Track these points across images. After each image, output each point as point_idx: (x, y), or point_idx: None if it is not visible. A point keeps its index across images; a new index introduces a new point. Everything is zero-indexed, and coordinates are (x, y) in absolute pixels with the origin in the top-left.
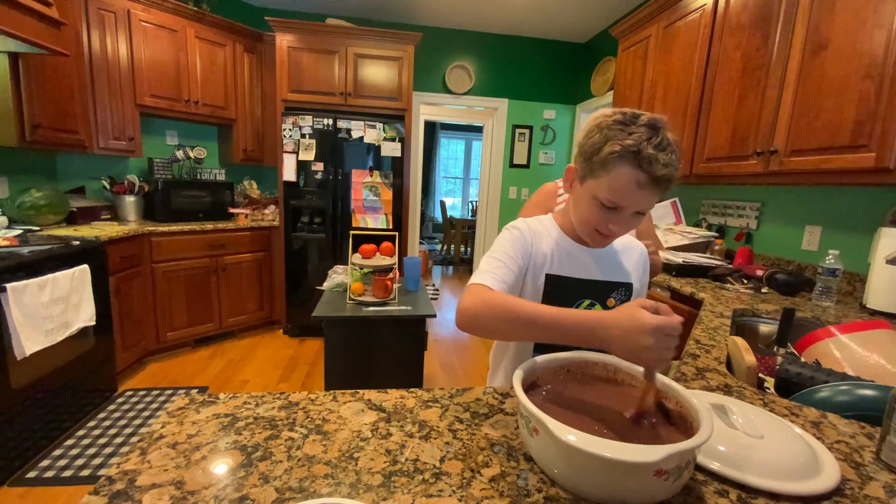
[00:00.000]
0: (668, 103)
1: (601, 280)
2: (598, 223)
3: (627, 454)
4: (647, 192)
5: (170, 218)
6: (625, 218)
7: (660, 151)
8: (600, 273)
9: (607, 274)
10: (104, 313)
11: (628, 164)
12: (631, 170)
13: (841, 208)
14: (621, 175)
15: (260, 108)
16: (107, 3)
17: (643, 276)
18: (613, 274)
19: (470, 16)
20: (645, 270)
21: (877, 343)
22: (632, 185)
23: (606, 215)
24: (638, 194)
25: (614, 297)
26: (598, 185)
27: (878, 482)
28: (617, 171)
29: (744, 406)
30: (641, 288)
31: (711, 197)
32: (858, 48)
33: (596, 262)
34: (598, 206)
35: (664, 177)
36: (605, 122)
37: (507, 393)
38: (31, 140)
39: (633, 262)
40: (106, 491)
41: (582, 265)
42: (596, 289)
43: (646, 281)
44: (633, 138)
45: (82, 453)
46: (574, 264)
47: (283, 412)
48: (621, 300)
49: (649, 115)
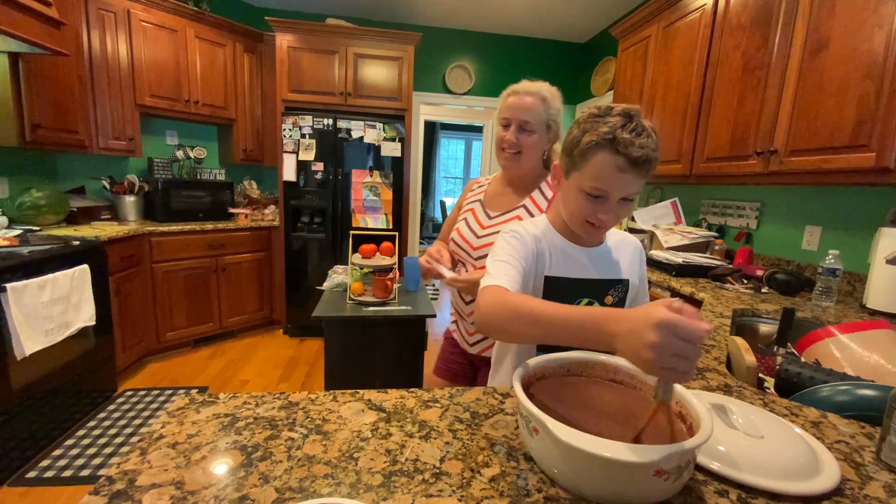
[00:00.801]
0: (668, 103)
1: (597, 279)
2: (587, 214)
3: (627, 454)
4: (628, 175)
5: (170, 218)
6: (612, 206)
7: (635, 136)
8: (596, 272)
9: (603, 272)
10: (104, 313)
11: (606, 150)
12: (609, 156)
13: (841, 208)
14: (601, 162)
15: (260, 108)
16: (107, 3)
17: (640, 270)
18: (609, 272)
19: (470, 16)
20: (641, 264)
21: (877, 343)
22: (612, 170)
23: (594, 205)
24: (620, 178)
25: (612, 295)
26: (582, 177)
27: (878, 482)
28: (596, 159)
29: (744, 406)
30: (640, 282)
31: (711, 197)
32: (858, 48)
33: (591, 260)
34: (584, 197)
35: (642, 157)
36: (581, 118)
37: (507, 393)
38: (31, 140)
39: (628, 257)
40: (106, 491)
41: (578, 264)
42: (593, 287)
43: (643, 275)
44: (608, 126)
45: (82, 453)
46: (570, 264)
47: (283, 412)
48: (619, 297)
49: (623, 106)
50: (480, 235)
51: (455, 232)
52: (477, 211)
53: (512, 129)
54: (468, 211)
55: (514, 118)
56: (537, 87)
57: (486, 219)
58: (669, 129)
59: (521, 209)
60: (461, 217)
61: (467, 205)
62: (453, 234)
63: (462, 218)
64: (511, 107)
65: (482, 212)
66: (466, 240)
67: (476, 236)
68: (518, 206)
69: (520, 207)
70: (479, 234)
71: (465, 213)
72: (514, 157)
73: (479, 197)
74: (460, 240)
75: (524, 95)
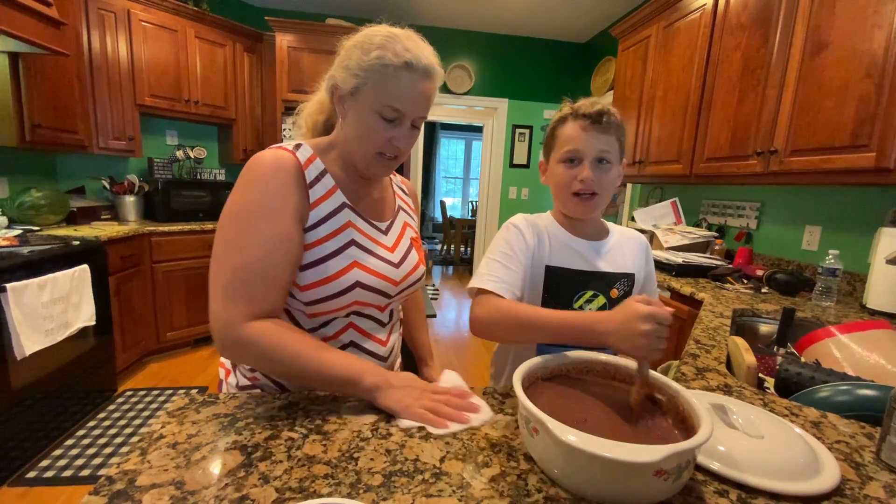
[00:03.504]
0: (668, 103)
1: (604, 272)
2: (569, 182)
3: (627, 454)
4: (592, 133)
5: (170, 218)
6: (586, 170)
7: (590, 104)
8: (603, 264)
9: (610, 265)
10: (104, 313)
11: (570, 121)
12: (572, 122)
13: (841, 208)
14: (568, 130)
15: (260, 108)
16: (107, 3)
17: (646, 266)
18: (615, 265)
19: (470, 16)
20: (648, 260)
21: (877, 343)
22: (578, 132)
23: (574, 170)
24: (586, 137)
25: (617, 288)
26: (557, 149)
27: (878, 482)
28: (563, 129)
29: (744, 406)
30: (646, 277)
31: (711, 197)
32: (858, 48)
33: (595, 253)
34: (564, 166)
35: (599, 112)
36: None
37: (507, 393)
38: (31, 140)
39: (633, 251)
40: (106, 491)
41: (581, 257)
42: (598, 280)
43: (650, 270)
44: (570, 108)
45: (82, 453)
46: (573, 256)
47: (283, 412)
48: (625, 291)
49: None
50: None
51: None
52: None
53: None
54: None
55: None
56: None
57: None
58: (669, 129)
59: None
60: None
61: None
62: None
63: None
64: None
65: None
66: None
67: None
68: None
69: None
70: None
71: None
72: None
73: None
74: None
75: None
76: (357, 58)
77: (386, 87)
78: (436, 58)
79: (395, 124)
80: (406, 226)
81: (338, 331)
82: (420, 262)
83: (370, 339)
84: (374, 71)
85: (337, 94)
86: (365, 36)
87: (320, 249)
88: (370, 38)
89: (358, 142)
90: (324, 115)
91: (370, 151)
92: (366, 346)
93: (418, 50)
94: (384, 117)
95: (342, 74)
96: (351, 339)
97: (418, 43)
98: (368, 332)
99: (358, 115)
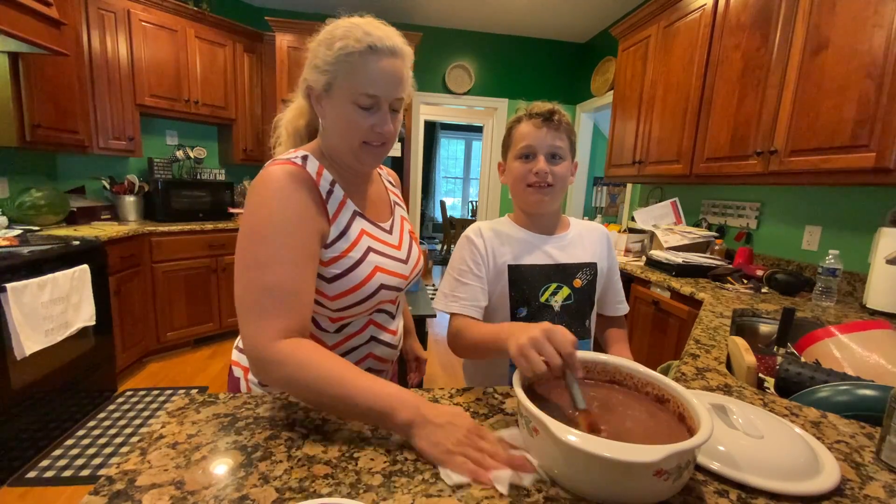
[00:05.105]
0: (668, 103)
1: (565, 263)
2: (524, 175)
3: (627, 454)
4: (545, 130)
5: (170, 218)
6: (541, 162)
7: (542, 105)
8: (563, 257)
9: (570, 257)
10: (104, 313)
11: (524, 121)
12: (525, 121)
13: (841, 208)
14: (522, 129)
15: (260, 108)
16: (107, 3)
17: (609, 256)
18: (576, 256)
19: (470, 16)
20: (610, 250)
21: (877, 343)
22: (531, 130)
23: (527, 165)
24: (538, 134)
25: (580, 278)
26: (514, 147)
27: (878, 482)
28: (518, 129)
29: (744, 406)
30: (609, 269)
31: (711, 197)
32: (858, 48)
33: (556, 247)
34: (520, 161)
35: (550, 111)
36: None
37: (507, 393)
38: (31, 140)
39: (595, 242)
40: (106, 491)
41: (542, 252)
42: (561, 272)
43: (614, 262)
44: (525, 109)
45: (82, 453)
46: (534, 252)
47: (283, 412)
48: (587, 280)
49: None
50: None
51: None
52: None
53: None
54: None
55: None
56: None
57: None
58: (669, 129)
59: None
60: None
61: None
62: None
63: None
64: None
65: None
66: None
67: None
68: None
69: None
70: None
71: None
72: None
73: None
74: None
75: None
76: (323, 54)
77: (355, 74)
78: (400, 38)
79: (374, 111)
80: (403, 220)
81: (360, 328)
82: (420, 253)
83: (385, 331)
84: (341, 62)
85: (313, 96)
86: (327, 32)
87: (346, 261)
88: (332, 33)
89: (341, 137)
90: (304, 118)
91: (355, 143)
92: (383, 339)
93: (380, 32)
94: (361, 106)
95: (313, 75)
96: (371, 336)
97: (380, 27)
98: (384, 326)
99: (336, 110)
